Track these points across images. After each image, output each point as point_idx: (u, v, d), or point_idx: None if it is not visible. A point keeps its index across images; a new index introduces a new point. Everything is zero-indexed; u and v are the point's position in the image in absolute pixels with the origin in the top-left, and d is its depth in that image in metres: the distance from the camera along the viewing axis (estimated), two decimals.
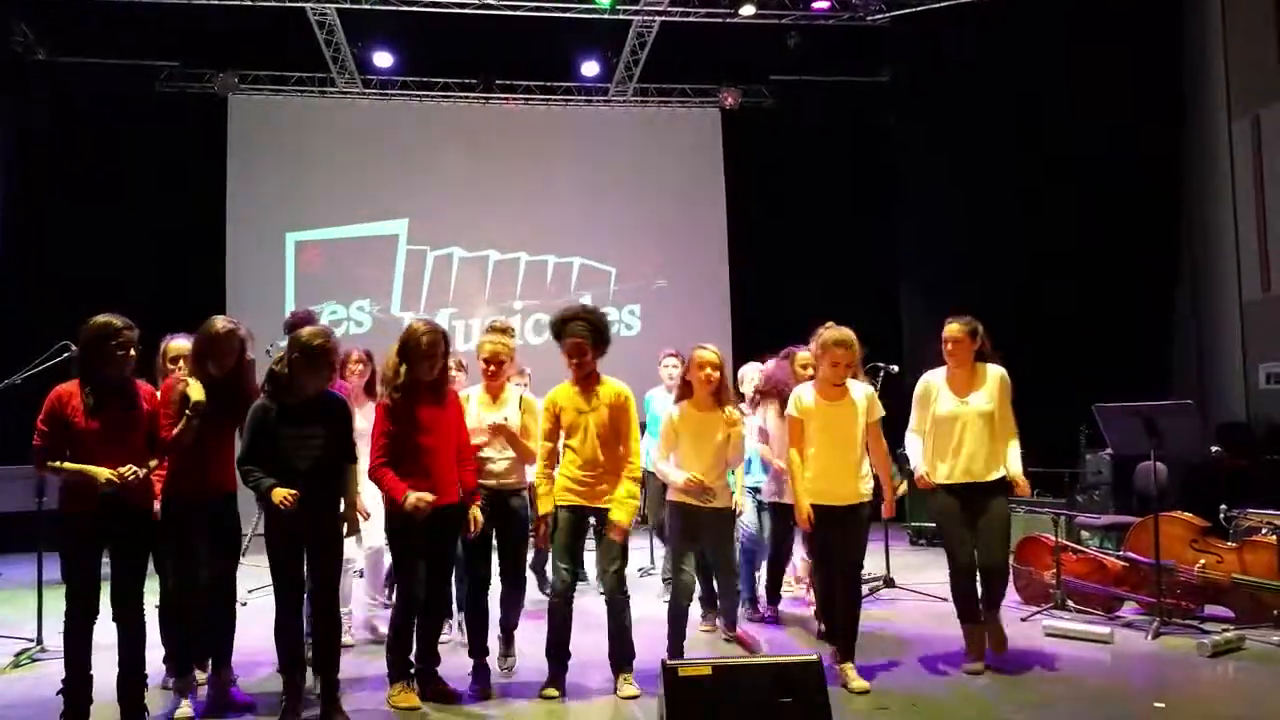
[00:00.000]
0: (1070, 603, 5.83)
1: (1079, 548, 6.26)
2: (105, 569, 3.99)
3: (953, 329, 4.74)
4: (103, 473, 3.86)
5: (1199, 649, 4.91)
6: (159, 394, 4.24)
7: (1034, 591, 6.10)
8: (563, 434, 4.51)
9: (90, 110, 10.33)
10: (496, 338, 4.68)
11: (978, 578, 4.71)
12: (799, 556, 6.13)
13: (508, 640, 4.78)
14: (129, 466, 3.89)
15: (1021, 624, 5.49)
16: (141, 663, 4.04)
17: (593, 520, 4.47)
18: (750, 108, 11.92)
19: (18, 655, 5.10)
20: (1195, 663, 4.80)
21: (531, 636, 4.83)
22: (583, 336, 4.42)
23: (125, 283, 9.93)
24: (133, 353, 4.05)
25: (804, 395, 4.62)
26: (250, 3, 9.66)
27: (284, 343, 4.32)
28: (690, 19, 10.24)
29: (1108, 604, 5.80)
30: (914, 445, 4.86)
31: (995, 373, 4.76)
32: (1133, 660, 4.89)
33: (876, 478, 4.60)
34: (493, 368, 4.64)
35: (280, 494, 3.91)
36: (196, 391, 4.09)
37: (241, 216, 11.06)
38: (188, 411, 4.06)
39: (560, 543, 4.41)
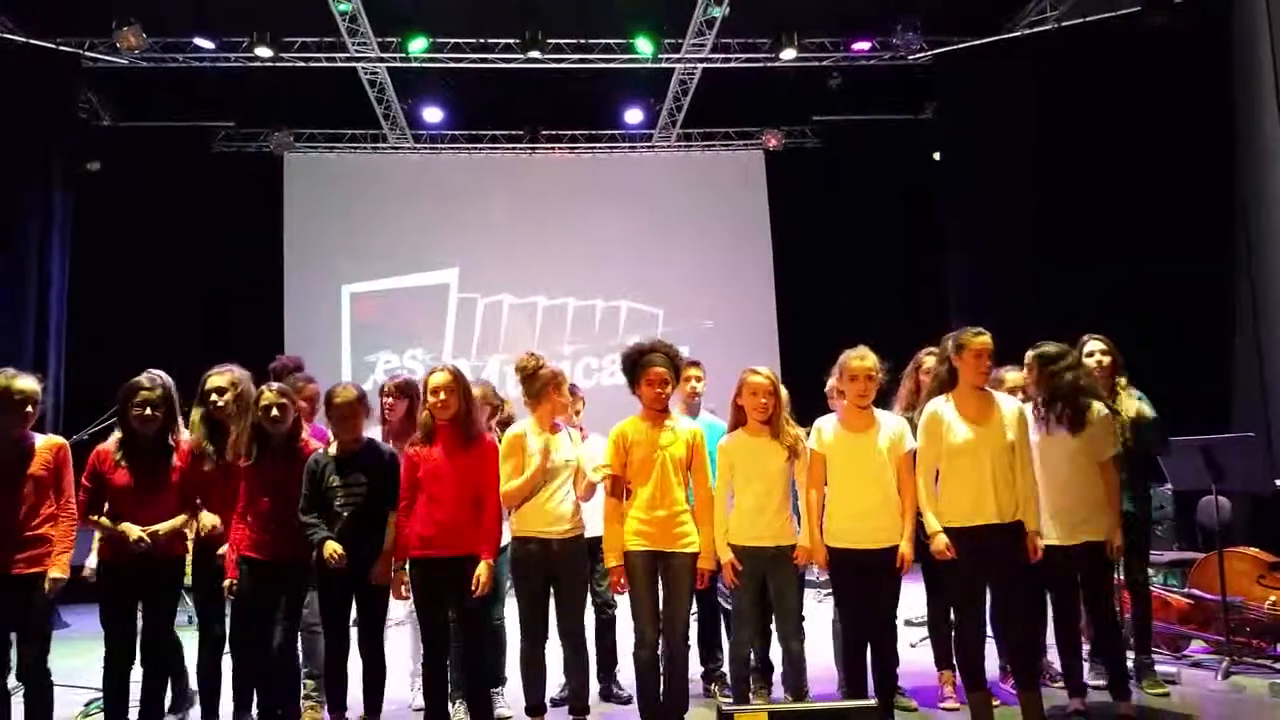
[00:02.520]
0: (1134, 641, 5.68)
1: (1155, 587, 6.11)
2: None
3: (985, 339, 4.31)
4: (133, 531, 4.11)
5: (1271, 690, 4.74)
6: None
7: None
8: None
9: (150, 172, 10.72)
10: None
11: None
12: None
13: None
14: (157, 526, 4.14)
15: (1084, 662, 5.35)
16: (160, 705, 4.30)
17: (660, 565, 4.23)
18: (793, 148, 12.00)
19: (87, 705, 5.19)
20: (1268, 704, 4.64)
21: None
22: (664, 368, 4.29)
23: (186, 339, 10.26)
24: (152, 411, 4.21)
25: (824, 428, 4.37)
26: (303, 64, 9.97)
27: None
28: (732, 64, 10.36)
29: (1173, 643, 5.65)
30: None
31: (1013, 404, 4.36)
32: (1202, 701, 4.75)
33: None
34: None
35: (329, 550, 4.10)
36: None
37: (298, 270, 11.35)
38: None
39: (639, 591, 4.21)
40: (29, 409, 4.15)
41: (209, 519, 4.35)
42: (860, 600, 4.26)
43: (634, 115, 11.63)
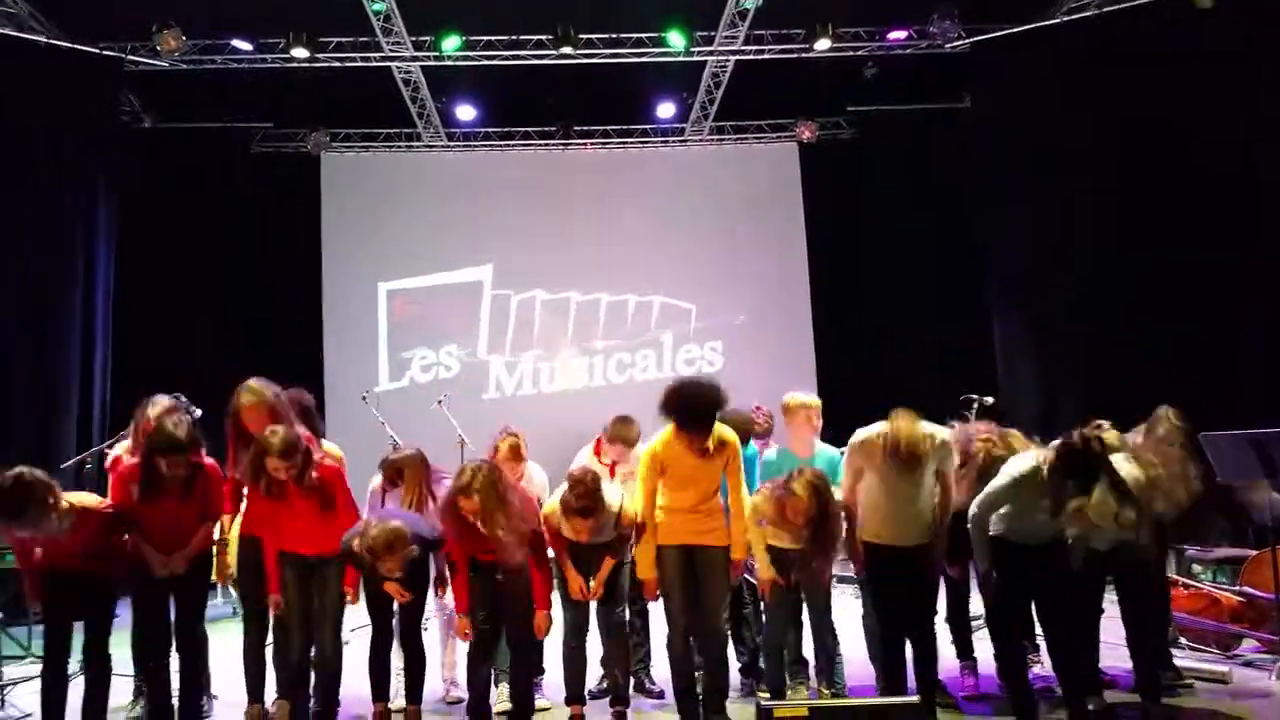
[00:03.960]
0: (1183, 640, 5.58)
1: (1190, 582, 6.00)
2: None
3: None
4: (156, 563, 4.25)
5: None
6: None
7: None
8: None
9: (190, 172, 10.87)
10: (585, 470, 4.45)
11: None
12: None
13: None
14: (178, 557, 4.28)
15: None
16: (198, 684, 4.48)
17: (693, 559, 4.27)
18: (827, 140, 11.91)
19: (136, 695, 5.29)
20: None
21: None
22: (704, 436, 4.17)
23: (227, 337, 10.41)
24: (183, 459, 4.21)
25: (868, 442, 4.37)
26: (339, 64, 10.05)
27: (378, 389, 4.53)
28: (765, 56, 10.30)
29: (1224, 641, 5.53)
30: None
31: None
32: (1254, 701, 4.65)
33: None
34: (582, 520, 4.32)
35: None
36: None
37: (336, 268, 11.46)
38: None
39: (673, 586, 4.24)
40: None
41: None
42: (900, 597, 4.23)
43: (666, 109, 11.59)
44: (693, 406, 4.15)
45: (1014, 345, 9.80)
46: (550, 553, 4.43)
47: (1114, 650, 4.81)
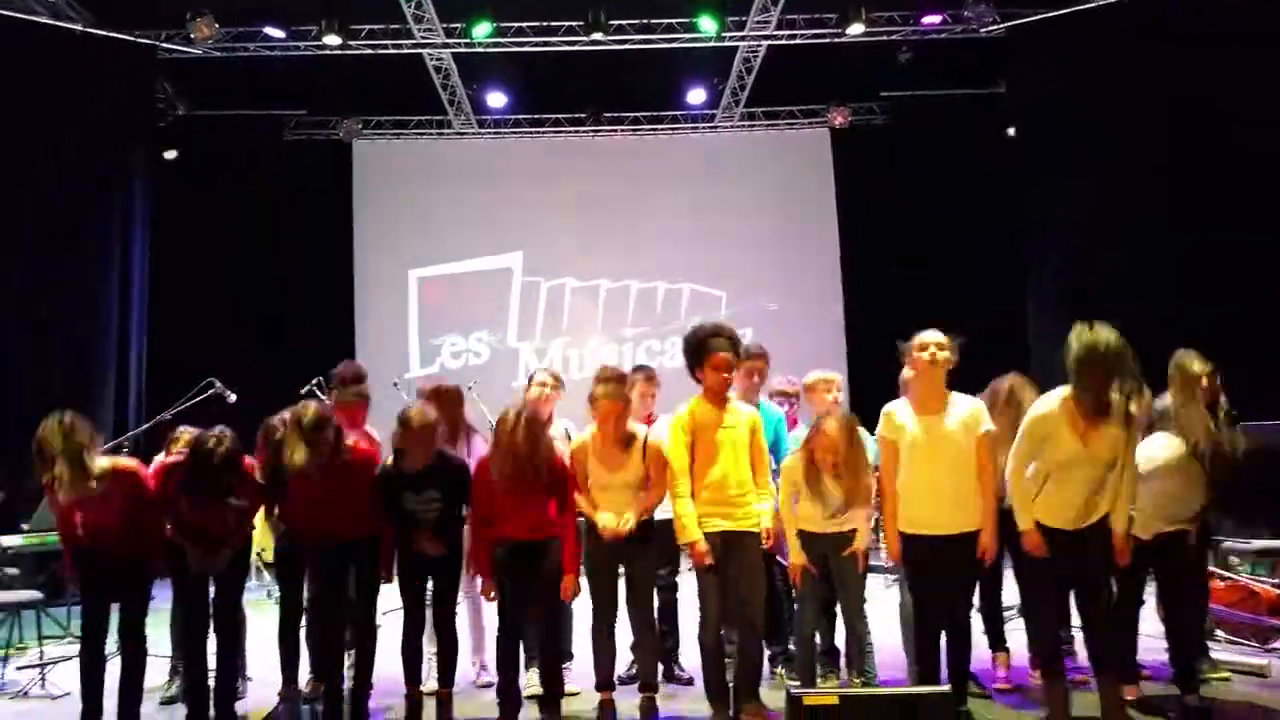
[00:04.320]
0: (1219, 633, 5.50)
1: (1227, 574, 5.91)
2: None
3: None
4: (194, 560, 4.32)
5: None
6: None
7: None
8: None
9: (224, 159, 10.97)
10: (609, 387, 4.40)
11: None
12: None
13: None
14: (222, 556, 4.34)
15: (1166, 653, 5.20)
16: (234, 663, 4.51)
17: (728, 544, 4.24)
18: (860, 126, 11.81)
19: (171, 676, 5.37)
20: None
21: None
22: (728, 352, 4.28)
23: (258, 322, 10.52)
24: (222, 479, 4.21)
25: (896, 411, 4.21)
26: (371, 51, 10.08)
27: (409, 376, 4.53)
28: (797, 40, 10.21)
29: (1262, 634, 5.45)
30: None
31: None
32: None
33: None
34: (610, 421, 4.37)
35: (425, 546, 4.32)
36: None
37: (367, 255, 11.53)
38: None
39: (707, 573, 4.21)
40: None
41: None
42: (936, 587, 4.16)
43: (697, 95, 11.54)
44: (714, 330, 4.33)
45: (1046, 332, 9.67)
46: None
47: (1150, 643, 4.75)
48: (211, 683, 4.39)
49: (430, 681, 4.50)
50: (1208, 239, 8.80)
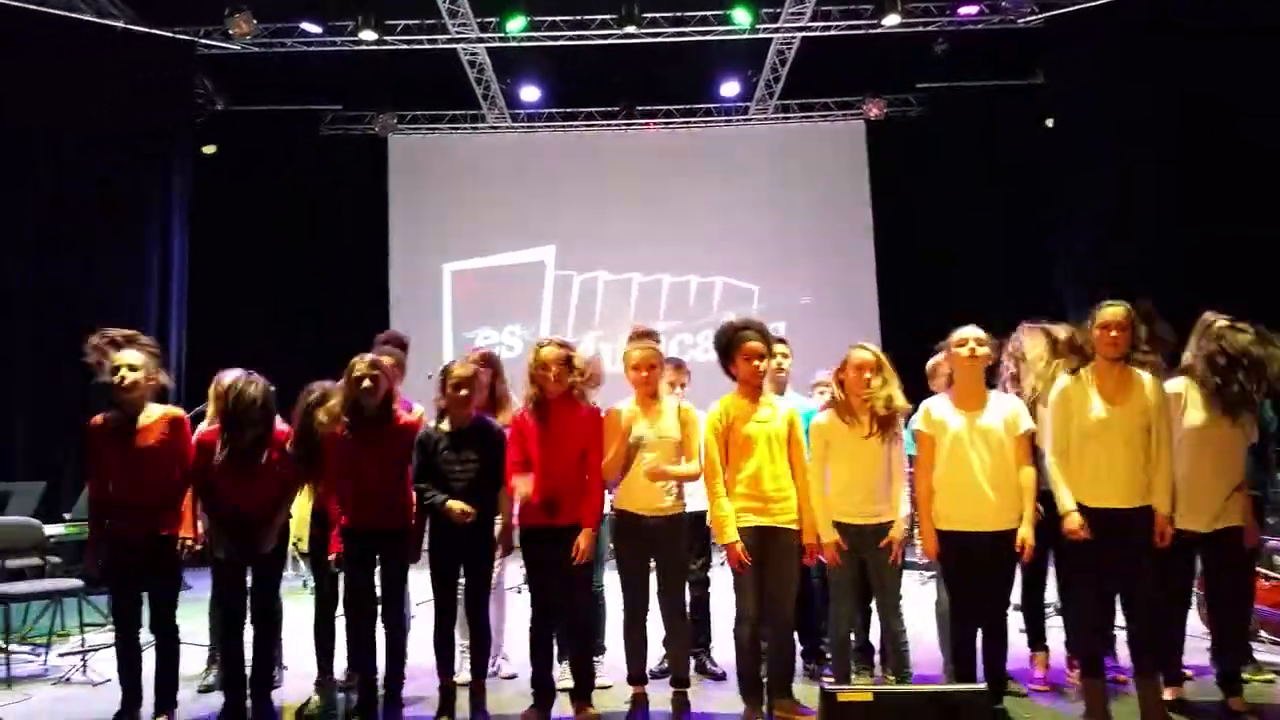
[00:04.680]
0: (1262, 633, 5.40)
1: (1270, 573, 5.80)
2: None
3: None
4: (218, 545, 4.37)
5: None
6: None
7: None
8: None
9: (261, 154, 11.09)
10: (645, 342, 4.41)
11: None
12: None
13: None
14: (267, 534, 4.38)
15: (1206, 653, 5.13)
16: (270, 652, 4.53)
17: (763, 541, 4.19)
18: (896, 118, 11.71)
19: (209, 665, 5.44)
20: None
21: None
22: (760, 343, 4.25)
23: (298, 315, 10.62)
24: (258, 417, 4.30)
25: (934, 407, 4.19)
26: (406, 46, 10.14)
27: (442, 367, 4.55)
28: (832, 32, 10.13)
29: None
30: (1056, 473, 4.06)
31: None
32: None
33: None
34: (644, 373, 4.33)
35: (456, 507, 4.18)
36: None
37: (402, 249, 11.62)
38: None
39: (743, 568, 4.17)
40: (125, 378, 4.28)
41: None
42: (973, 585, 4.11)
43: (730, 88, 11.50)
44: (744, 324, 4.30)
45: (1084, 325, 9.52)
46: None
47: (1192, 643, 4.67)
48: (248, 671, 4.46)
49: (463, 673, 4.52)
50: (1252, 235, 8.64)
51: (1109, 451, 3.95)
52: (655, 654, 4.66)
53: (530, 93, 11.42)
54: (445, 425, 4.39)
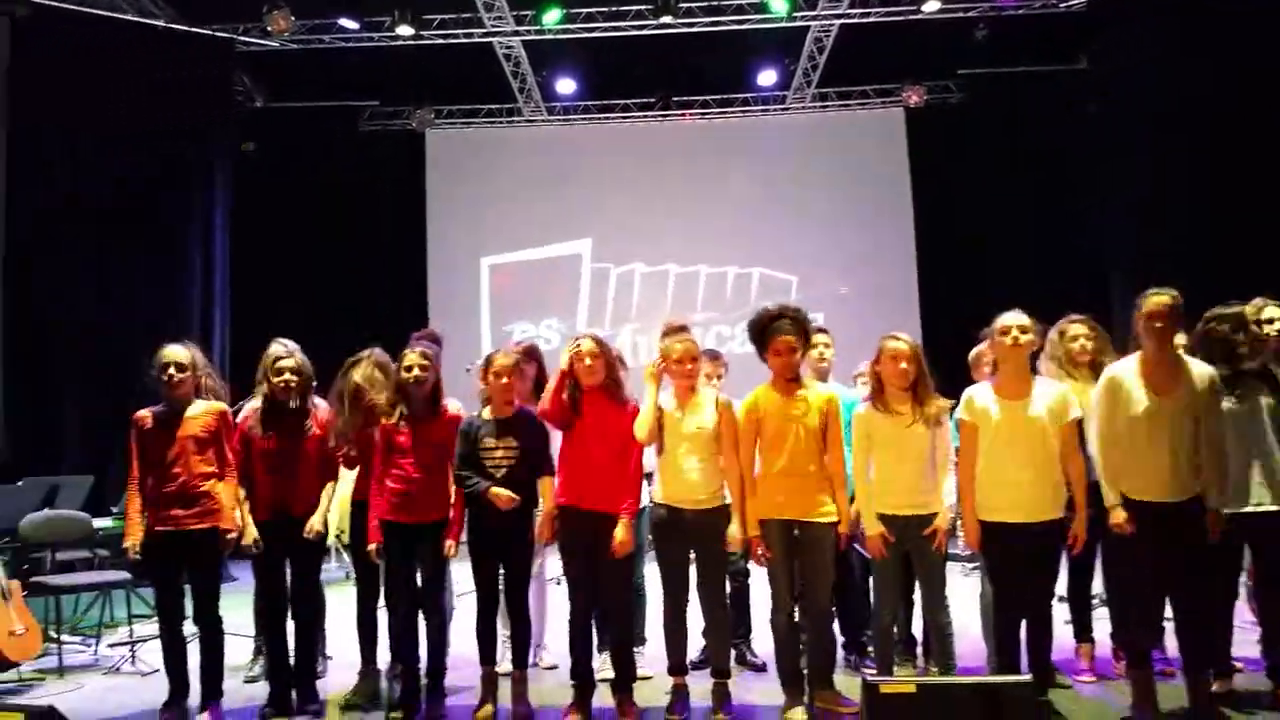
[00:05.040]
0: None
1: None
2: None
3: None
4: (250, 534, 4.44)
5: None
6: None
7: None
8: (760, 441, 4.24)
9: (300, 150, 11.19)
10: (684, 335, 4.38)
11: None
12: None
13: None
14: (311, 524, 4.46)
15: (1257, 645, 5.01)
16: (314, 642, 4.63)
17: (796, 532, 4.20)
18: (936, 104, 11.56)
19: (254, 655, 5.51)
20: None
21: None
22: (793, 334, 4.22)
23: (337, 310, 10.70)
24: (290, 378, 4.45)
25: (977, 396, 4.14)
26: (442, 41, 10.18)
27: (480, 361, 4.58)
28: (871, 19, 10.01)
29: None
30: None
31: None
32: None
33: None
34: (688, 366, 4.30)
35: (499, 494, 4.21)
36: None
37: (440, 243, 11.68)
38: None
39: (776, 560, 4.19)
40: (173, 374, 4.36)
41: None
42: (1017, 576, 4.05)
43: (767, 77, 11.42)
44: (778, 312, 4.30)
45: (1131, 312, 9.34)
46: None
47: (1240, 634, 4.57)
48: (292, 662, 4.50)
49: (504, 662, 4.54)
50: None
51: (1156, 443, 3.87)
52: (695, 645, 4.65)
53: (566, 85, 11.41)
54: (487, 413, 4.44)
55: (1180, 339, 4.26)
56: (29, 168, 8.70)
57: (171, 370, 4.36)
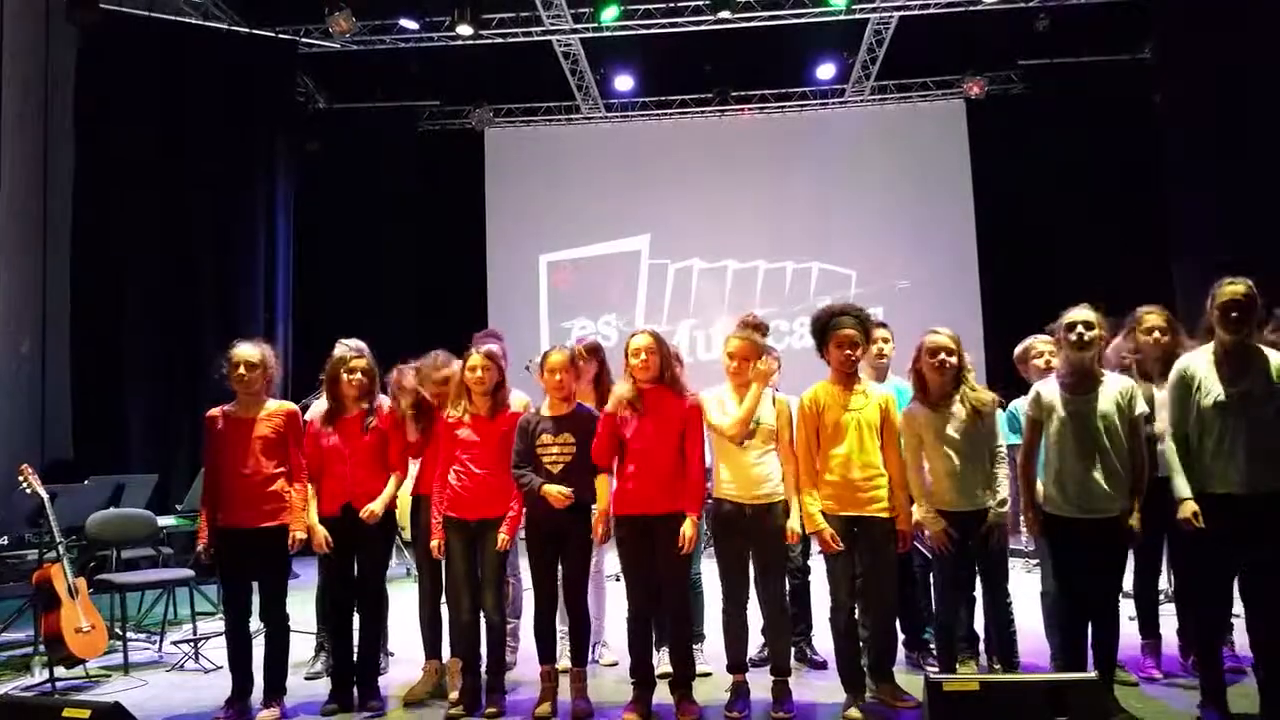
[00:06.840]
0: None
1: None
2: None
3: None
4: (318, 535, 4.49)
5: None
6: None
7: None
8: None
9: (362, 150, 11.36)
10: (743, 332, 4.39)
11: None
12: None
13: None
14: (371, 507, 4.52)
15: None
16: (377, 639, 4.68)
17: (855, 529, 4.16)
18: (997, 96, 11.36)
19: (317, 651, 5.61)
20: None
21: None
22: (854, 330, 4.20)
23: (395, 309, 10.85)
24: (361, 379, 4.54)
25: (1043, 391, 4.07)
26: (501, 40, 10.27)
27: (538, 359, 4.62)
28: (930, 10, 9.88)
29: None
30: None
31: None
32: None
33: None
34: (736, 363, 4.29)
35: (554, 491, 4.24)
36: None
37: (499, 240, 11.81)
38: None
39: (835, 556, 4.16)
40: (244, 373, 4.43)
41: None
42: (1081, 571, 3.99)
43: (826, 70, 11.32)
44: (841, 309, 4.28)
45: (1197, 304, 9.10)
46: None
47: None
48: (355, 659, 4.57)
49: (564, 659, 4.57)
50: None
51: (1230, 436, 3.77)
52: (755, 641, 4.64)
53: (624, 82, 11.44)
54: (546, 410, 4.48)
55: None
56: (95, 169, 8.81)
57: (242, 369, 4.43)
